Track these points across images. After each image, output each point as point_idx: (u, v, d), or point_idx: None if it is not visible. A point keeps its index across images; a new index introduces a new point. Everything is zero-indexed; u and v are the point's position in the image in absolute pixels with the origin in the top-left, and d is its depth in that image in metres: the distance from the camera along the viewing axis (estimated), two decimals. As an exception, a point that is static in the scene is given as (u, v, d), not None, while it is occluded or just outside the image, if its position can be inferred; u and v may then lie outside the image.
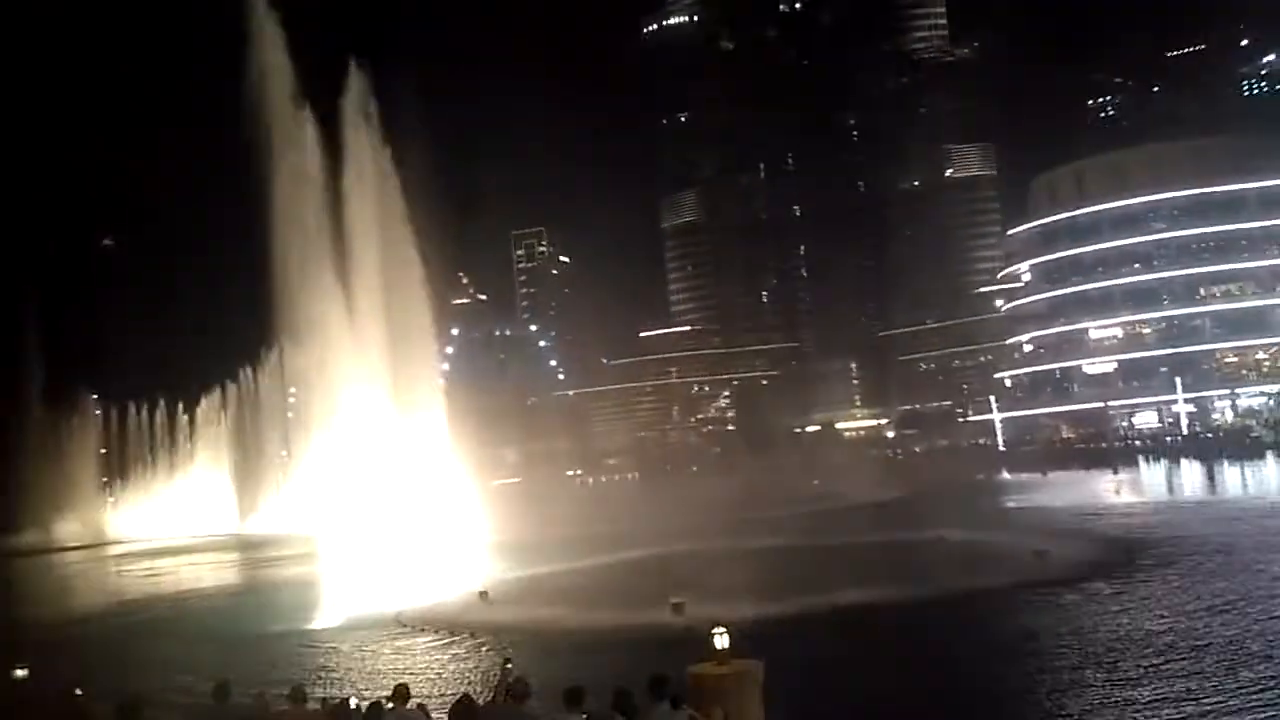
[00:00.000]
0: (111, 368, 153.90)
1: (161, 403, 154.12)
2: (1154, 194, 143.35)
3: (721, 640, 15.80)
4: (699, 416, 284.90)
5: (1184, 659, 25.16)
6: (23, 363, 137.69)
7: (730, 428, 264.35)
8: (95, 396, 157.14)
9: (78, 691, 18.25)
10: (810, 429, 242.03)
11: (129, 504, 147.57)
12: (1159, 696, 22.18)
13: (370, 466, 48.25)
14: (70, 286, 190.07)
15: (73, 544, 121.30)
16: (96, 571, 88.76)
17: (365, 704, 17.15)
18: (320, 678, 30.39)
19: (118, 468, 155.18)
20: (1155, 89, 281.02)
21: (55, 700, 18.23)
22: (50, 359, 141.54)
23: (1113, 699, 22.35)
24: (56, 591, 72.00)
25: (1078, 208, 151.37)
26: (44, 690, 19.13)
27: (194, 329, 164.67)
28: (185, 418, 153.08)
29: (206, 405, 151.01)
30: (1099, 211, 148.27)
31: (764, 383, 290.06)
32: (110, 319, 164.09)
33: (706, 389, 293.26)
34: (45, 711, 17.72)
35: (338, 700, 18.61)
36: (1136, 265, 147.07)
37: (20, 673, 19.43)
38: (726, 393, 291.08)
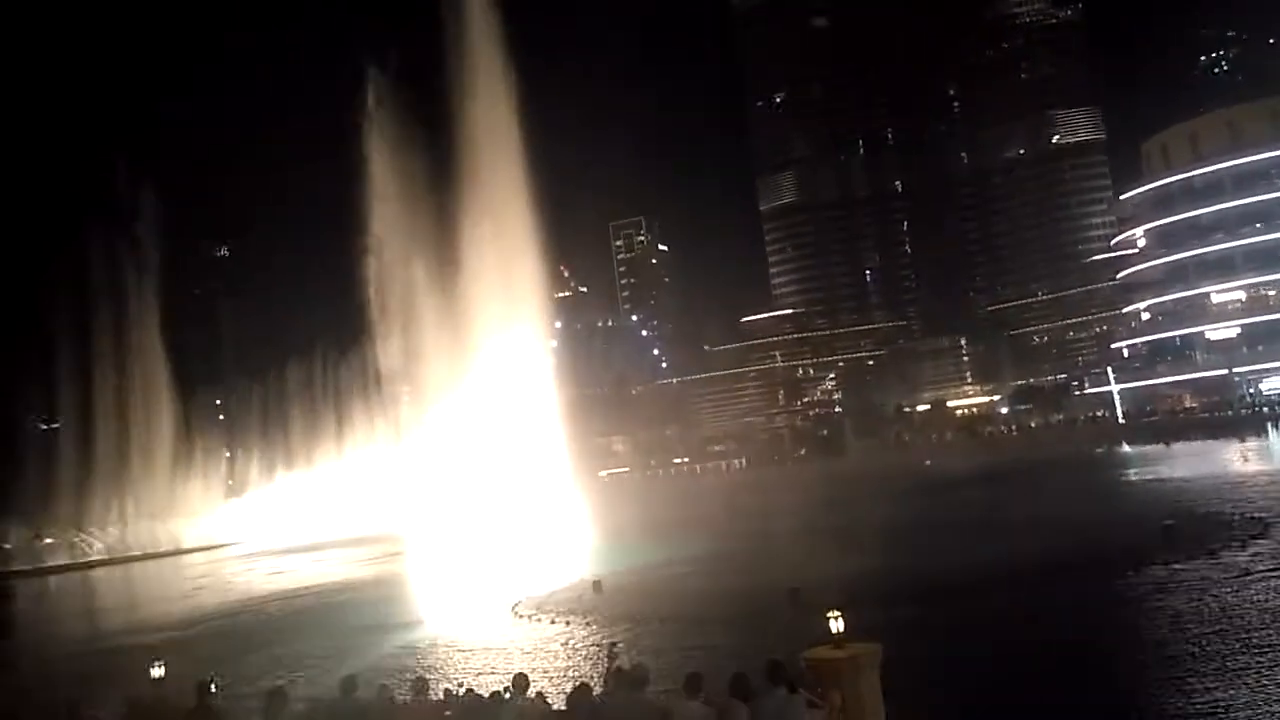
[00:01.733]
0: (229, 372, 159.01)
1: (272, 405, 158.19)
2: (1273, 150, 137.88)
3: (837, 624, 15.64)
4: (805, 400, 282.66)
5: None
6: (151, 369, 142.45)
7: (838, 410, 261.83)
8: (219, 401, 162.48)
9: (213, 687, 18.80)
10: (920, 408, 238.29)
11: (246, 505, 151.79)
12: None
13: (481, 460, 48.94)
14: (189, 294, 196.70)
15: (198, 545, 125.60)
16: (223, 573, 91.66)
17: (486, 694, 17.40)
18: (440, 670, 30.93)
19: (240, 469, 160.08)
20: (1270, 41, 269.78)
21: (191, 696, 18.82)
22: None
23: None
24: (185, 592, 74.58)
25: (1193, 168, 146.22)
26: (180, 687, 19.78)
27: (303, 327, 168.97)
28: (298, 420, 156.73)
29: (318, 405, 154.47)
30: (1216, 171, 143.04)
31: (870, 363, 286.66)
32: (225, 325, 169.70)
33: (811, 372, 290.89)
34: (182, 710, 18.26)
35: (460, 690, 18.90)
36: (1258, 225, 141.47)
37: (156, 671, 20.17)
38: (832, 375, 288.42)
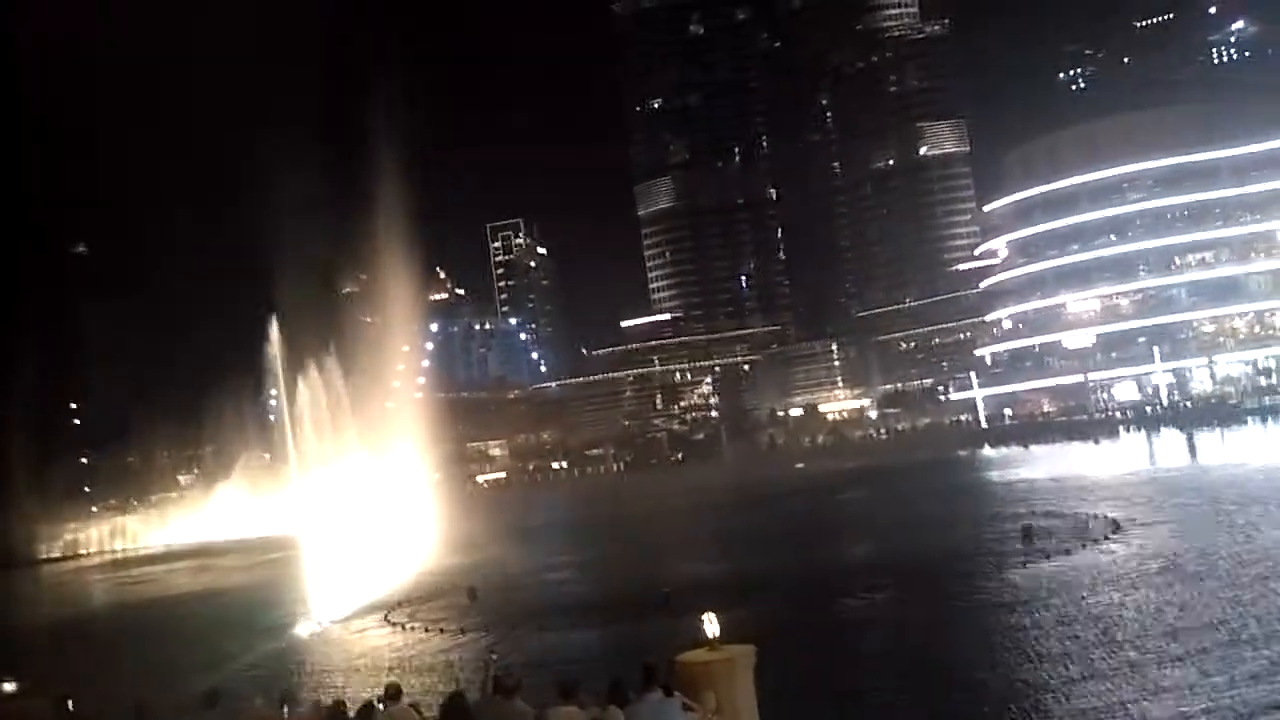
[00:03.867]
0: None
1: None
2: (1128, 164, 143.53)
3: (711, 627, 15.76)
4: (682, 404, 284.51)
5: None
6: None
7: (714, 414, 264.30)
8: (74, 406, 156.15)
9: (70, 704, 18.08)
10: (794, 412, 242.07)
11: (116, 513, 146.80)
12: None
13: (354, 468, 48.14)
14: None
15: (60, 554, 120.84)
16: (87, 581, 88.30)
17: (357, 704, 17.10)
18: (311, 679, 30.30)
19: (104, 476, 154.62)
20: (1125, 59, 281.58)
21: (47, 712, 18.06)
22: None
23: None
24: (52, 600, 71.62)
25: (1052, 181, 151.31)
26: (35, 703, 18.97)
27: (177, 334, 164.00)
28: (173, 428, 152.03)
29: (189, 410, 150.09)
30: (1074, 184, 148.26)
31: (745, 368, 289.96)
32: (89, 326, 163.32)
33: (689, 376, 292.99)
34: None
35: (329, 702, 18.53)
36: (1113, 236, 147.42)
37: (9, 686, 19.25)
38: (709, 379, 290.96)
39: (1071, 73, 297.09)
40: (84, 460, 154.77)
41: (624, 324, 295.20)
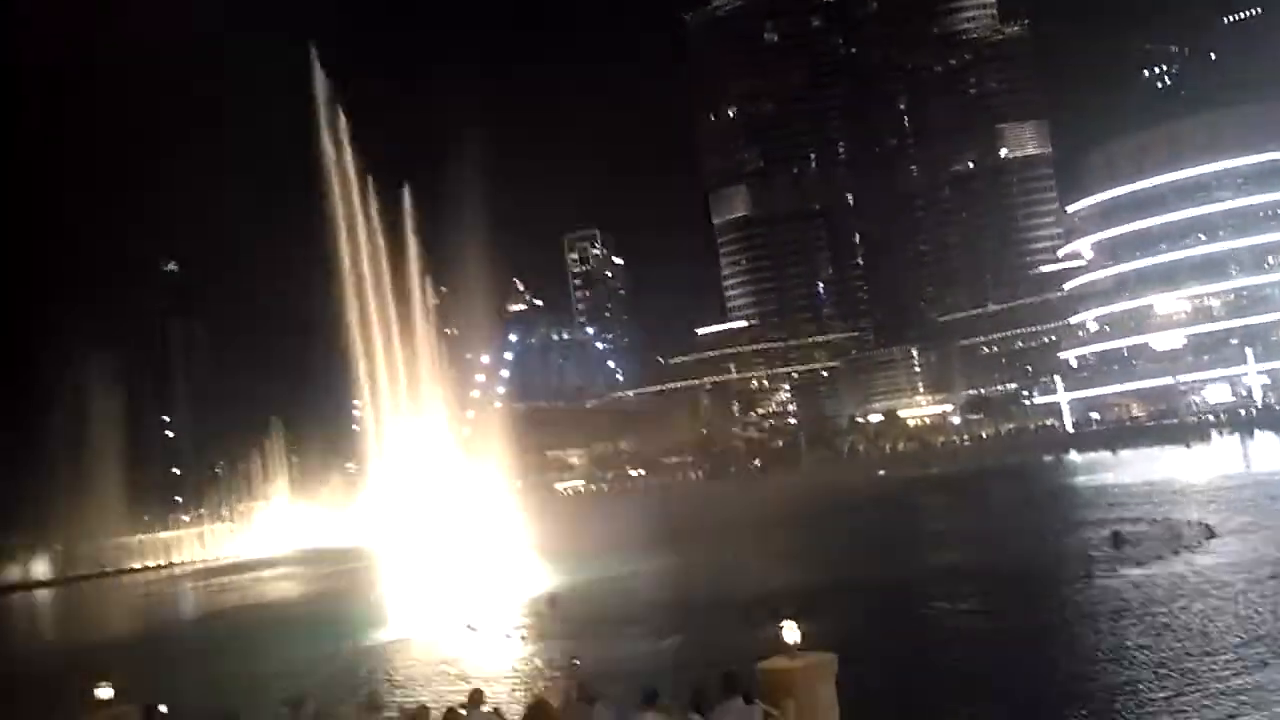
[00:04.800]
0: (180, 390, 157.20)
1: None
2: (1216, 163, 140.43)
3: (792, 634, 15.66)
4: (760, 411, 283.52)
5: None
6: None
7: (792, 421, 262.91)
8: (166, 418, 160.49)
9: (162, 709, 18.46)
10: (873, 419, 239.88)
11: (203, 523, 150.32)
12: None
13: (436, 476, 48.63)
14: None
15: (151, 564, 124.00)
16: (174, 590, 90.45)
17: (442, 710, 17.25)
18: (396, 686, 30.64)
19: (192, 487, 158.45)
20: (1212, 55, 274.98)
21: (138, 719, 18.45)
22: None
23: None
24: (143, 607, 73.49)
25: (1138, 180, 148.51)
26: (127, 709, 19.36)
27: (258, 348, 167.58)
28: (254, 440, 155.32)
29: (273, 425, 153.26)
30: (1160, 183, 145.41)
31: (824, 374, 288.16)
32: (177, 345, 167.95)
33: (766, 384, 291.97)
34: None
35: (414, 706, 18.72)
36: (1201, 236, 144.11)
37: (104, 693, 19.64)
38: (787, 386, 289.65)
39: (1155, 70, 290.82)
40: (175, 471, 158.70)
41: (700, 331, 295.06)
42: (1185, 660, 23.60)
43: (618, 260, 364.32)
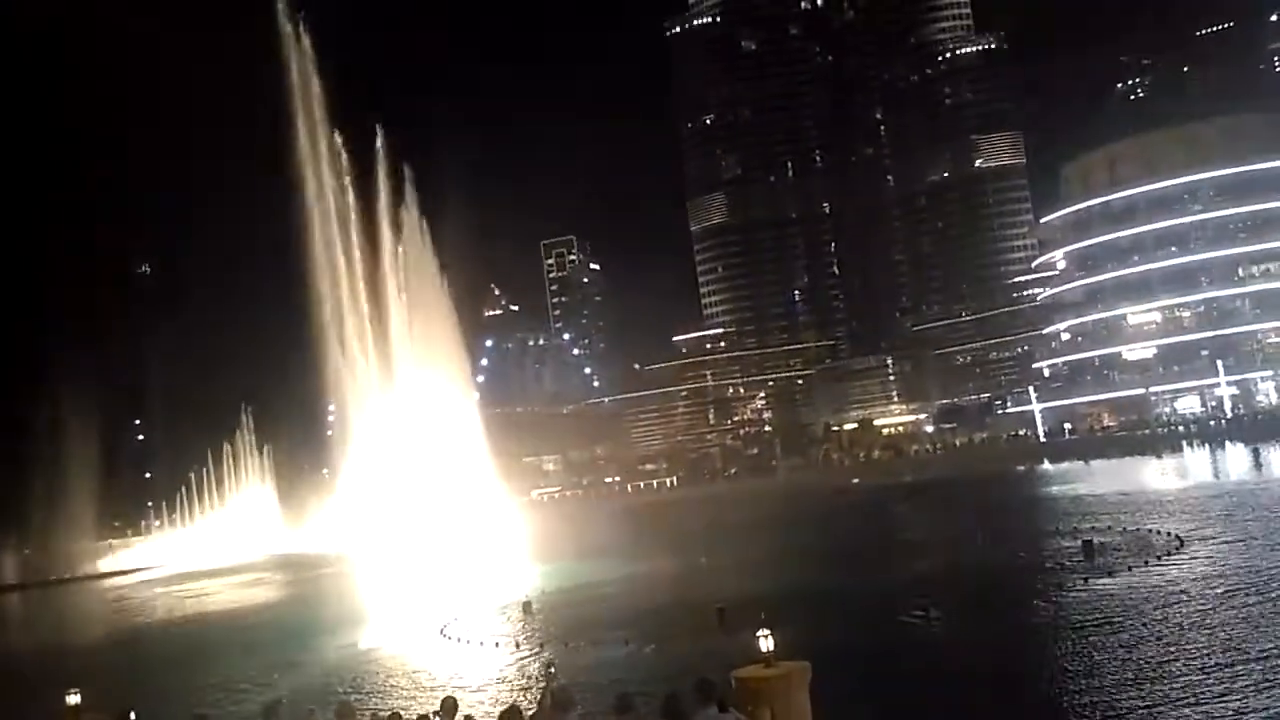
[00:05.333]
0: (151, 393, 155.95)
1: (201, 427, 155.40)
2: (1189, 175, 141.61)
3: (766, 642, 15.68)
4: (735, 419, 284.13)
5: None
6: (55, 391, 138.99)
7: (767, 428, 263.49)
8: (137, 422, 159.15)
9: (131, 715, 18.29)
10: (848, 427, 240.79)
11: (174, 528, 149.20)
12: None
13: (409, 481, 48.50)
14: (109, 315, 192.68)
15: (120, 569, 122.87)
16: (144, 595, 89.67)
17: (414, 718, 17.19)
18: (368, 693, 30.49)
19: (163, 491, 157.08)
20: (1185, 69, 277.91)
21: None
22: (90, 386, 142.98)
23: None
24: (113, 613, 72.86)
25: (1111, 192, 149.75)
26: (98, 717, 19.19)
27: (228, 349, 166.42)
28: (226, 444, 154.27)
29: (245, 427, 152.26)
30: (1133, 195, 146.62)
31: (799, 382, 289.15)
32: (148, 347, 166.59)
33: (741, 391, 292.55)
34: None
35: (386, 715, 18.63)
36: (1173, 248, 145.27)
37: (73, 699, 19.47)
38: (762, 394, 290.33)
39: (1129, 83, 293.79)
40: (147, 476, 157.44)
41: (676, 338, 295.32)
42: (1155, 672, 23.76)
43: (595, 266, 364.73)
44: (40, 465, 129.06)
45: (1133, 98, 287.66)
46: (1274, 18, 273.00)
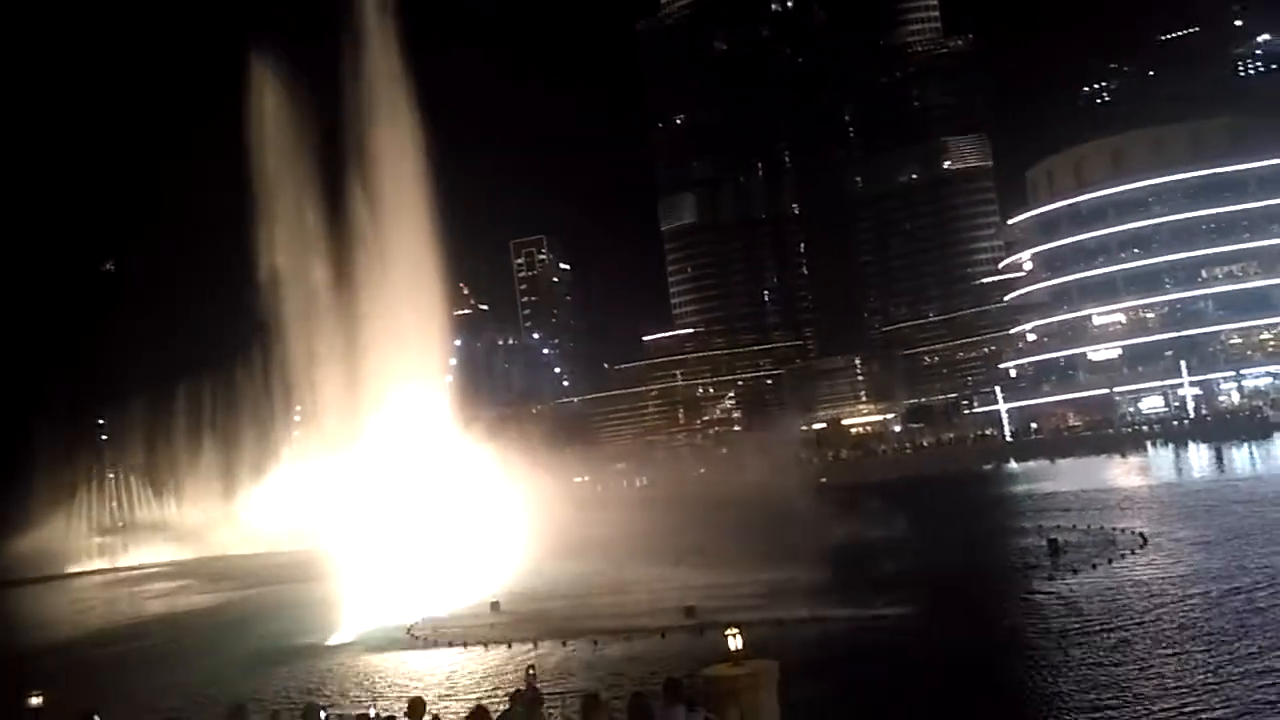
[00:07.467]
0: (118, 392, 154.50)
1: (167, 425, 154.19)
2: (1153, 178, 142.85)
3: (735, 641, 15.74)
4: (705, 418, 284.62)
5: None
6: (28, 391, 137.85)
7: (737, 428, 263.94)
8: (101, 421, 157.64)
9: (95, 718, 18.13)
10: (817, 427, 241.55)
11: (140, 528, 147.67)
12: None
13: (377, 480, 48.26)
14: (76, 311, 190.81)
15: (87, 568, 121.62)
16: (112, 594, 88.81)
17: (381, 718, 17.14)
18: (335, 695, 30.34)
19: (125, 490, 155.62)
20: (1150, 73, 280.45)
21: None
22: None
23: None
24: (71, 615, 72.10)
25: (1077, 194, 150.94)
26: (60, 717, 19.01)
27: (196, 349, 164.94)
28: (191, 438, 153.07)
29: (212, 427, 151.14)
30: (1098, 197, 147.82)
31: (769, 382, 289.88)
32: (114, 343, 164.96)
33: (711, 391, 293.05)
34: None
35: (353, 716, 18.59)
36: (1137, 250, 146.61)
37: (35, 700, 19.25)
38: (731, 394, 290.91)
39: (1096, 86, 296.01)
40: (112, 475, 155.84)
41: (645, 338, 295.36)
42: (1115, 669, 24.05)
43: (564, 266, 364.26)
44: (2, 465, 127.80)
45: (1099, 101, 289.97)
46: (1238, 23, 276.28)
